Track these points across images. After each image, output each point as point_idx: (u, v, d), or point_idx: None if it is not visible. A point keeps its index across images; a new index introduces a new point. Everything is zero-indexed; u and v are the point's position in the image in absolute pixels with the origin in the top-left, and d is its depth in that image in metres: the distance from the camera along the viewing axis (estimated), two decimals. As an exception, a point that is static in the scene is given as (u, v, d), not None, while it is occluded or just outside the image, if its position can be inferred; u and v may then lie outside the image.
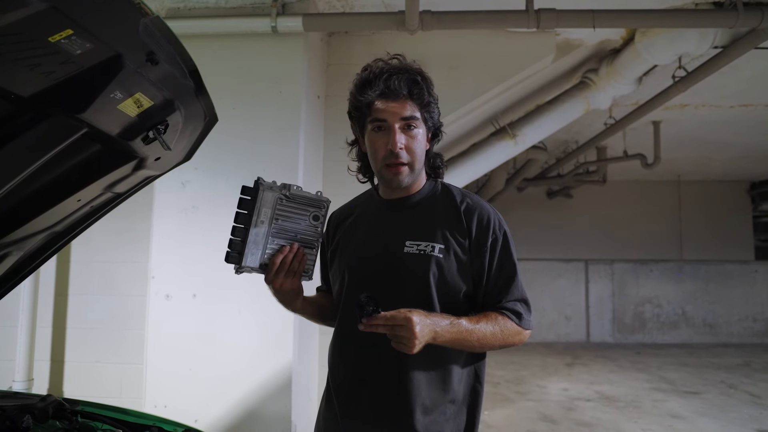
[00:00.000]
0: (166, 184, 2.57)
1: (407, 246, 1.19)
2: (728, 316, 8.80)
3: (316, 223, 1.17)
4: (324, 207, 1.17)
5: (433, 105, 1.23)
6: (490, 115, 4.01)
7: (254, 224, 1.11)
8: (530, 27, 2.56)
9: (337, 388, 1.26)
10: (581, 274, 8.94)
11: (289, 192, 1.13)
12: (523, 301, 1.20)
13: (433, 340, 1.07)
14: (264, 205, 1.11)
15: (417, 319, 1.03)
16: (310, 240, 1.18)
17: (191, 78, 1.10)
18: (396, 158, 1.17)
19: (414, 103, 1.19)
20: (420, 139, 1.20)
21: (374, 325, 1.03)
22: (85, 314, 2.99)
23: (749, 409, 4.79)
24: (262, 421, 2.44)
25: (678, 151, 6.88)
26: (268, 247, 1.14)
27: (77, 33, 0.78)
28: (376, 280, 1.20)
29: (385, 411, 1.17)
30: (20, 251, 1.40)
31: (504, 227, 1.23)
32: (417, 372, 1.16)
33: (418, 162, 1.21)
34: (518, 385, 5.63)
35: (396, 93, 1.17)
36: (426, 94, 1.20)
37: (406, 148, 1.18)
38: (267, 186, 1.11)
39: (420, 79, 1.19)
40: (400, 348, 1.04)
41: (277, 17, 2.55)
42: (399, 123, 1.17)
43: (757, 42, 2.91)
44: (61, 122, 0.99)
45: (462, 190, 1.30)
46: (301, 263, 1.16)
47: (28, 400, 1.38)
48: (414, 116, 1.18)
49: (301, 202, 1.15)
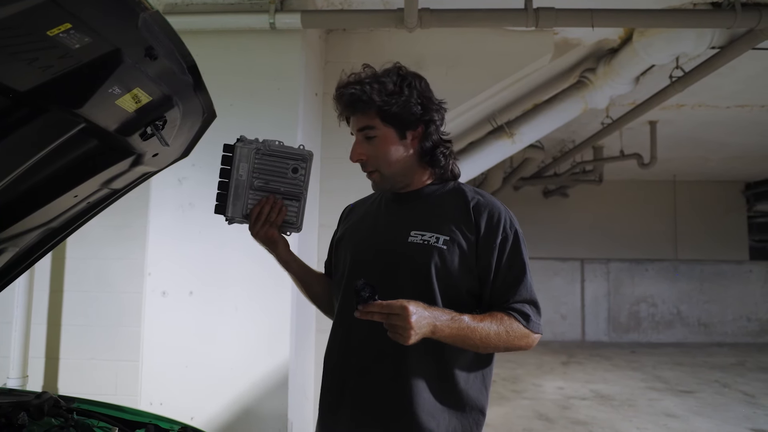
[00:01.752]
0: (163, 181, 2.56)
1: (411, 236, 1.19)
2: (723, 316, 8.85)
3: (295, 175, 1.23)
4: (304, 159, 1.23)
5: (397, 101, 1.18)
6: (488, 113, 4.01)
7: (233, 178, 1.20)
8: (529, 26, 2.56)
9: (333, 377, 1.25)
10: (577, 273, 8.98)
11: (267, 147, 1.21)
12: (531, 302, 1.18)
13: (431, 334, 1.06)
14: (242, 160, 1.21)
15: (413, 309, 1.02)
16: (292, 192, 1.24)
17: (190, 74, 1.09)
18: (363, 167, 1.25)
19: (363, 115, 1.21)
20: (382, 143, 1.21)
21: (370, 312, 1.02)
22: (81, 311, 2.97)
23: (743, 408, 4.82)
24: (258, 419, 2.44)
25: (674, 151, 6.90)
26: (249, 200, 1.22)
27: (76, 27, 0.77)
28: (377, 269, 1.20)
29: (381, 403, 1.16)
30: (16, 247, 1.39)
31: (515, 226, 1.21)
32: (416, 367, 1.15)
33: (385, 167, 1.23)
34: (514, 384, 5.65)
35: (345, 110, 1.24)
36: (376, 96, 1.17)
37: (368, 157, 1.23)
38: (246, 143, 1.21)
39: (360, 92, 1.18)
40: (396, 338, 1.03)
41: (275, 14, 2.54)
42: (358, 135, 1.23)
43: (754, 42, 2.92)
44: (58, 117, 0.98)
45: (475, 188, 1.29)
46: (279, 215, 1.23)
47: (23, 397, 1.37)
48: (368, 126, 1.21)
49: (280, 156, 1.22)
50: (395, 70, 1.23)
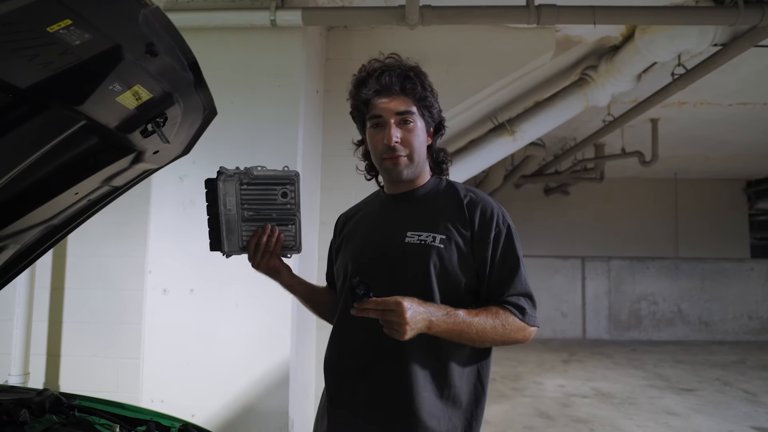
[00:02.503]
0: (164, 178, 2.55)
1: (408, 236, 1.20)
2: (724, 314, 8.85)
3: (285, 200, 1.18)
4: (292, 181, 1.18)
5: (430, 99, 1.25)
6: (489, 111, 4.00)
7: (222, 214, 1.17)
8: (531, 23, 2.55)
9: (333, 379, 1.26)
10: (578, 271, 8.97)
11: (251, 176, 1.16)
12: (526, 295, 1.18)
13: (427, 329, 1.07)
14: (227, 195, 1.16)
15: (408, 305, 1.03)
16: (285, 217, 1.20)
17: (191, 70, 1.09)
18: (393, 152, 1.20)
19: (408, 98, 1.21)
20: (418, 132, 1.22)
21: (365, 309, 1.04)
22: (82, 308, 2.98)
23: (744, 406, 4.82)
24: (259, 416, 2.44)
25: (675, 149, 6.90)
26: (243, 231, 1.19)
27: (76, 23, 0.77)
28: (377, 270, 1.20)
29: (380, 403, 1.16)
30: (17, 244, 1.39)
31: (508, 221, 1.22)
32: (416, 366, 1.15)
33: (417, 154, 1.23)
34: (515, 381, 5.65)
35: (389, 89, 1.21)
36: (420, 88, 1.22)
37: (402, 141, 1.21)
38: (228, 175, 1.16)
39: (412, 75, 1.22)
40: (392, 334, 1.04)
41: (276, 11, 2.54)
42: (394, 118, 1.20)
43: (757, 40, 2.91)
44: (59, 114, 0.98)
45: (467, 186, 1.31)
46: (277, 243, 1.20)
47: (24, 395, 1.37)
48: (409, 111, 1.21)
49: (265, 183, 1.17)
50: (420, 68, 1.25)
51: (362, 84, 1.23)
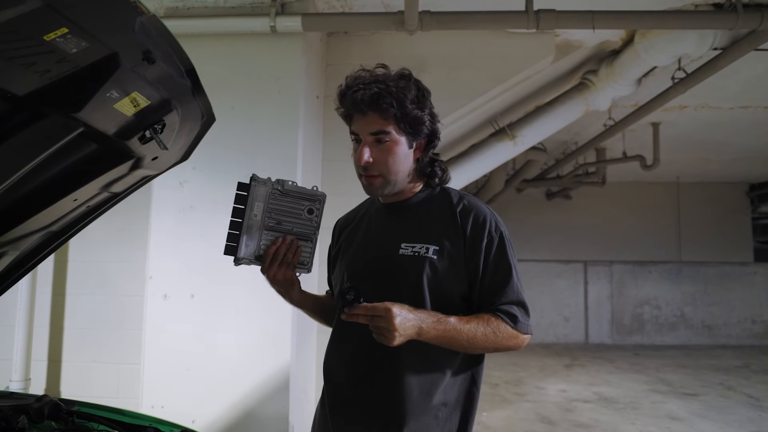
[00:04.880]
0: (164, 184, 2.57)
1: (402, 248, 1.20)
2: (727, 318, 8.80)
3: (310, 216, 1.20)
4: (319, 201, 1.20)
5: (414, 114, 1.17)
6: (490, 116, 4.01)
7: (248, 217, 1.16)
8: (530, 28, 2.56)
9: (329, 389, 1.27)
10: (580, 275, 8.95)
11: (282, 187, 1.17)
12: (519, 303, 1.18)
13: (417, 336, 1.07)
14: (257, 200, 1.16)
15: (397, 312, 1.03)
16: (305, 233, 1.20)
17: (188, 77, 1.09)
18: (364, 170, 1.19)
19: (381, 117, 1.16)
20: (396, 151, 1.18)
21: (355, 314, 1.05)
22: (83, 314, 2.98)
23: (747, 411, 4.79)
24: (259, 422, 2.43)
25: (677, 153, 6.88)
26: (263, 240, 1.18)
27: (72, 31, 0.77)
28: (371, 282, 1.20)
29: (376, 412, 1.17)
30: (16, 251, 1.40)
31: (501, 229, 1.21)
32: (410, 374, 1.15)
33: (391, 174, 1.19)
34: (517, 387, 5.63)
35: (360, 108, 1.17)
36: (395, 106, 1.14)
37: (376, 161, 1.18)
38: (260, 182, 1.16)
39: (392, 91, 1.14)
40: (381, 340, 1.05)
41: (276, 17, 2.55)
42: (368, 137, 1.18)
43: (756, 43, 2.91)
44: (57, 121, 0.99)
45: (461, 192, 1.29)
46: (295, 255, 1.19)
47: (23, 401, 1.37)
48: (383, 131, 1.16)
49: (295, 197, 1.18)
50: (411, 77, 1.20)
51: (341, 98, 1.21)
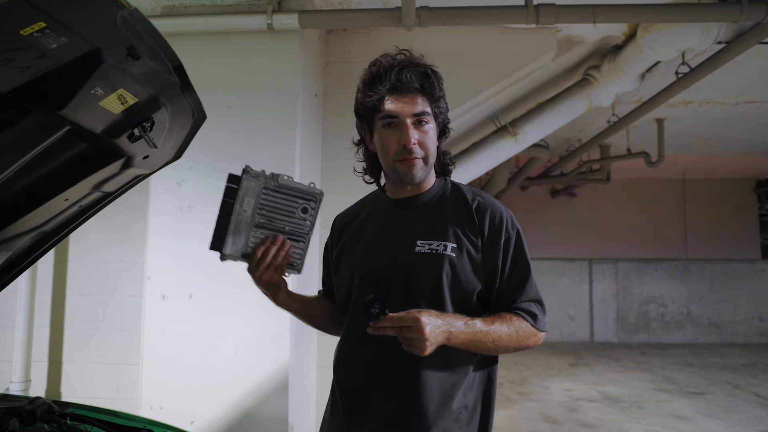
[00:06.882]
0: (162, 183, 2.55)
1: (419, 245, 1.15)
2: (734, 316, 8.72)
3: (305, 215, 1.13)
4: (315, 199, 1.13)
5: (443, 101, 1.20)
6: (491, 113, 3.98)
7: (236, 213, 1.09)
8: (529, 23, 2.53)
9: (343, 393, 1.22)
10: (585, 274, 8.89)
11: (276, 182, 1.10)
12: (537, 301, 1.17)
13: (447, 341, 1.04)
14: (247, 195, 1.08)
15: (426, 320, 1.00)
16: (298, 233, 1.14)
17: (176, 74, 1.07)
18: (409, 154, 1.14)
19: (425, 99, 1.16)
20: (431, 135, 1.18)
21: (382, 327, 1.00)
22: (83, 315, 2.98)
23: (755, 410, 4.74)
24: (258, 423, 2.42)
25: (682, 149, 6.82)
26: (251, 237, 1.11)
27: (50, 26, 0.75)
28: (386, 281, 1.16)
29: (395, 417, 1.13)
30: (8, 251, 1.38)
31: (516, 226, 1.19)
32: (429, 377, 1.11)
33: (431, 157, 1.18)
34: (521, 386, 5.59)
35: (407, 88, 1.14)
36: (437, 88, 1.17)
37: (418, 143, 1.15)
38: (252, 175, 1.09)
39: (431, 73, 1.17)
40: (411, 350, 1.01)
41: (273, 14, 2.53)
42: (410, 119, 1.14)
43: (761, 37, 2.87)
44: (43, 119, 0.97)
45: (473, 188, 1.26)
46: (285, 256, 1.13)
47: (16, 403, 1.35)
48: (425, 111, 1.16)
49: (289, 193, 1.11)
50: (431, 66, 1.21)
51: (376, 80, 1.16)
